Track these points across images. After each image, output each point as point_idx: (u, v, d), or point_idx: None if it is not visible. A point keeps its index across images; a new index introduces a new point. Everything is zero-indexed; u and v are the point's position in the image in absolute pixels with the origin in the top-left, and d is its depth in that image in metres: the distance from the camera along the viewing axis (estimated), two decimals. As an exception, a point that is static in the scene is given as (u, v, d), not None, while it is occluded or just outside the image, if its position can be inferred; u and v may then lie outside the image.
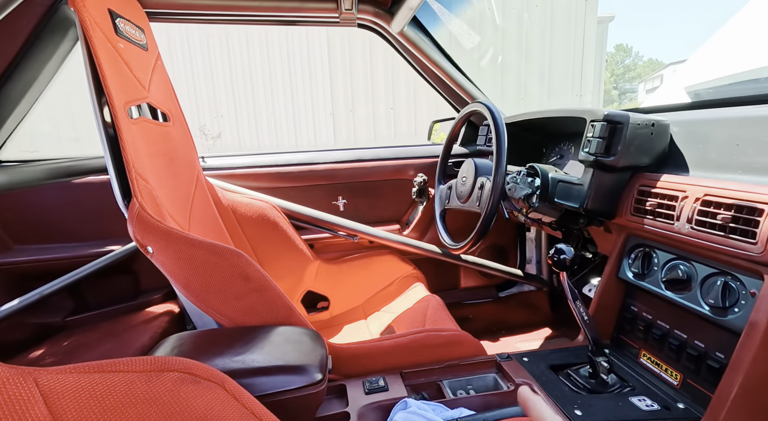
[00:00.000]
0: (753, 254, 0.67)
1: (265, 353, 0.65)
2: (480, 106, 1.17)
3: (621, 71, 34.79)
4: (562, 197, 1.07)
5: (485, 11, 6.69)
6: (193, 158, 1.17)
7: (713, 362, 0.77)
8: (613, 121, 0.94)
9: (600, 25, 8.21)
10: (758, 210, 0.68)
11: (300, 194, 1.54)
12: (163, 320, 1.27)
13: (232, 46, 7.44)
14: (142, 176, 0.79)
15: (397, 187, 1.63)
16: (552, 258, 0.84)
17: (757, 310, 0.68)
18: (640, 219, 0.91)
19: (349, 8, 1.25)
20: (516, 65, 7.47)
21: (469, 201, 1.19)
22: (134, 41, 0.88)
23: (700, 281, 0.80)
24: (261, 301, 0.79)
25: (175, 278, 0.77)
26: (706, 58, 1.47)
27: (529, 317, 1.76)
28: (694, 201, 0.79)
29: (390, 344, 0.93)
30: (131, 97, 0.82)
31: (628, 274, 0.98)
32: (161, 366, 0.46)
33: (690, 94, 1.32)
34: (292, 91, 7.70)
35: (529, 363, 0.93)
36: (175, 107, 1.10)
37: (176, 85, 1.12)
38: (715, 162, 0.85)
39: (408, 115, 7.77)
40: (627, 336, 1.01)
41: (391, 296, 1.46)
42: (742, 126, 0.82)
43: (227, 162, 1.47)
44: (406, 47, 1.45)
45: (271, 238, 1.38)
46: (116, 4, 0.83)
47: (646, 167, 0.97)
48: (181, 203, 1.01)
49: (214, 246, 0.75)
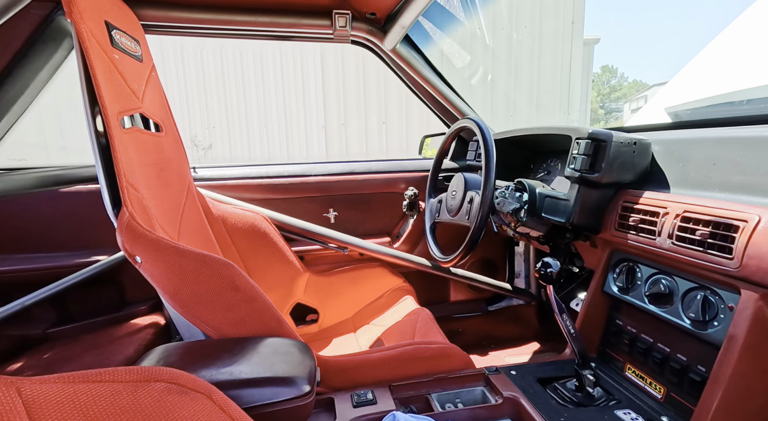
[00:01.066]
0: (730, 269, 0.70)
1: (253, 365, 0.65)
2: (470, 122, 1.20)
3: (607, 91, 35.82)
4: (549, 212, 1.09)
5: (476, 31, 6.88)
6: (184, 169, 1.17)
7: (695, 375, 0.79)
8: (597, 139, 0.97)
9: (586, 47, 8.50)
10: (734, 227, 0.70)
11: (291, 206, 1.54)
12: (149, 331, 1.24)
13: (225, 58, 7.50)
14: (132, 186, 0.79)
15: (388, 200, 1.65)
16: (539, 272, 0.86)
17: (735, 324, 0.70)
18: (624, 234, 0.94)
19: (343, 25, 1.28)
20: (505, 84, 7.66)
21: (458, 215, 1.21)
22: (129, 53, 0.89)
23: (682, 295, 0.82)
24: (250, 312, 0.79)
25: (163, 289, 0.76)
26: (684, 81, 1.54)
27: (518, 330, 1.76)
28: (675, 217, 0.81)
29: (379, 357, 0.93)
30: (125, 107, 0.83)
31: (613, 288, 1.00)
32: (147, 376, 0.45)
33: (670, 114, 1.38)
34: (285, 103, 7.76)
35: (516, 376, 0.94)
36: (167, 118, 1.11)
37: (169, 95, 1.13)
38: (694, 180, 0.89)
39: (399, 129, 7.87)
40: (612, 350, 1.02)
41: (381, 309, 1.46)
42: (718, 146, 0.86)
43: (218, 173, 1.47)
44: (398, 64, 1.48)
45: (261, 249, 1.38)
46: (113, 16, 0.84)
47: (629, 184, 1.00)
48: (172, 213, 1.01)
49: (204, 256, 0.75)
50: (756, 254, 0.66)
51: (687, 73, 1.63)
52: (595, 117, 30.92)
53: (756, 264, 0.66)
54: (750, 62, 1.35)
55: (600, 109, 33.41)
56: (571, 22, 7.54)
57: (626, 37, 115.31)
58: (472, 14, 4.83)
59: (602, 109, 33.71)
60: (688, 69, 1.65)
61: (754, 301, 0.67)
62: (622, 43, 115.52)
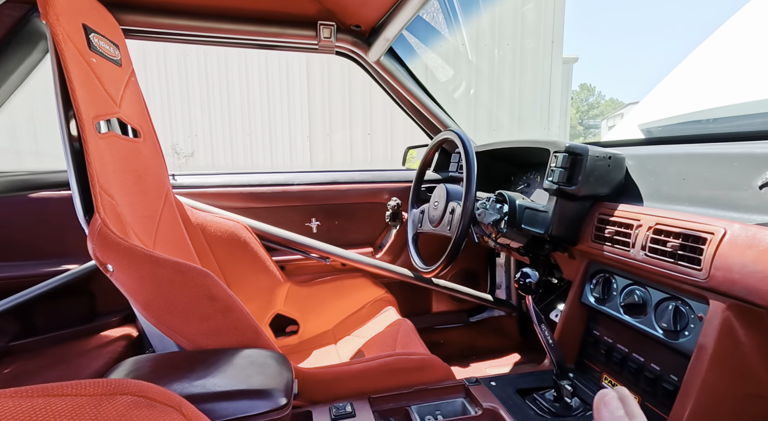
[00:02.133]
0: (698, 280, 0.72)
1: (227, 377, 0.63)
2: (452, 134, 1.21)
3: (585, 108, 37.08)
4: (528, 223, 1.11)
5: (459, 47, 7.05)
6: (162, 176, 1.15)
7: (668, 385, 0.80)
8: (573, 153, 1.00)
9: (565, 65, 8.79)
10: (702, 239, 0.73)
11: (273, 215, 1.52)
12: (120, 344, 1.19)
13: (210, 65, 7.45)
14: (106, 192, 0.76)
15: (371, 210, 1.65)
16: (518, 282, 0.87)
17: (704, 334, 0.72)
18: (600, 246, 0.96)
19: (327, 36, 1.29)
20: (488, 100, 7.85)
21: (440, 225, 1.22)
22: (108, 57, 0.87)
23: (655, 306, 0.84)
24: (226, 322, 0.77)
25: (136, 298, 0.74)
26: (656, 100, 1.61)
27: (499, 342, 1.77)
28: (647, 229, 0.84)
29: (358, 368, 0.91)
30: (101, 111, 0.81)
31: (590, 299, 1.02)
32: (113, 389, 0.43)
33: (643, 131, 1.43)
34: (270, 112, 7.73)
35: (496, 387, 0.94)
36: (146, 124, 1.09)
37: (150, 102, 1.11)
38: (665, 194, 0.92)
39: (384, 140, 7.93)
40: (590, 360, 1.04)
41: (363, 320, 1.44)
42: (687, 162, 0.90)
43: (199, 180, 1.45)
44: (382, 76, 1.50)
45: (240, 258, 1.35)
46: (91, 20, 0.83)
47: (605, 197, 1.03)
48: (148, 221, 0.99)
49: (179, 265, 0.73)
50: (722, 266, 0.69)
51: (658, 93, 1.71)
52: (575, 133, 31.90)
53: (722, 275, 0.68)
54: (716, 84, 1.42)
55: (579, 125, 34.52)
56: (550, 41, 7.81)
57: (603, 58, 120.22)
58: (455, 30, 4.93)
59: (581, 126, 34.82)
60: (660, 89, 1.73)
61: (722, 311, 0.70)
62: (599, 63, 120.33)
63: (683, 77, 1.66)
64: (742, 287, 0.66)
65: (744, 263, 0.66)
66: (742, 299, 0.66)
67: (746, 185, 0.76)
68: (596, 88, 55.68)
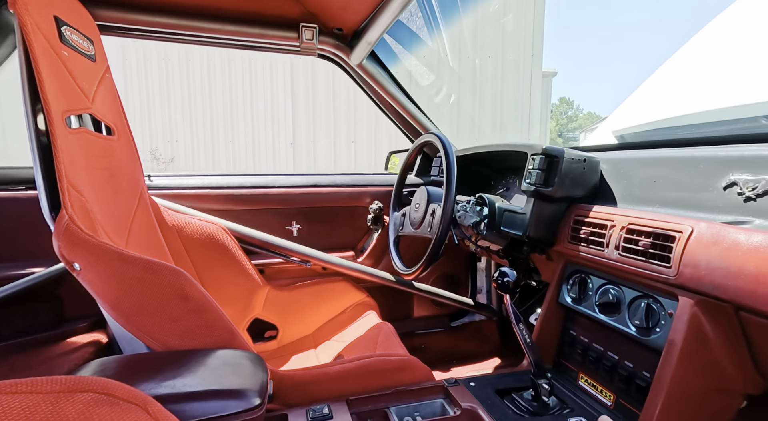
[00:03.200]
0: (668, 277, 0.74)
1: (198, 377, 0.60)
2: (432, 137, 1.23)
3: (564, 121, 38.18)
4: (507, 225, 1.13)
5: (441, 56, 7.18)
6: (137, 175, 1.12)
7: (641, 381, 0.82)
8: (550, 155, 1.02)
9: (545, 79, 9.05)
10: (671, 237, 0.75)
11: (253, 218, 1.50)
12: (88, 350, 1.14)
13: (192, 69, 7.36)
14: (75, 188, 0.74)
15: (353, 214, 1.64)
16: (496, 281, 0.87)
17: (674, 330, 0.74)
18: (576, 246, 0.98)
19: (310, 39, 1.30)
20: (470, 110, 8.00)
21: (421, 227, 1.22)
22: (81, 51, 0.85)
23: (628, 304, 0.86)
24: (200, 323, 0.74)
25: (104, 298, 0.71)
26: (629, 109, 1.67)
27: (480, 346, 1.78)
28: (620, 229, 0.86)
29: (337, 370, 0.90)
30: (72, 106, 0.79)
31: (567, 299, 1.03)
32: (73, 386, 0.41)
33: (617, 137, 1.48)
34: (253, 119, 7.67)
35: (475, 388, 0.93)
36: (121, 122, 1.06)
37: (128, 106, 1.09)
38: (637, 196, 0.95)
39: (369, 148, 7.95)
40: (567, 360, 1.05)
41: (343, 325, 1.43)
42: (657, 165, 0.93)
43: (176, 182, 1.42)
44: (364, 79, 1.51)
45: (218, 261, 1.32)
46: (64, 12, 0.81)
47: (580, 199, 1.05)
48: (120, 221, 0.95)
49: (151, 263, 0.70)
50: (690, 263, 0.71)
51: (631, 102, 1.77)
52: (555, 144, 32.78)
53: (690, 272, 0.71)
54: (684, 93, 1.49)
55: (559, 137, 35.47)
56: (530, 54, 8.04)
57: (582, 73, 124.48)
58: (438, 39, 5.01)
59: (561, 138, 35.79)
60: (633, 98, 1.80)
61: (690, 307, 0.72)
62: (578, 78, 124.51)
63: (654, 88, 1.73)
64: (708, 282, 0.68)
65: (709, 260, 0.68)
66: (709, 294, 0.68)
67: (711, 187, 0.80)
68: (575, 102, 57.50)
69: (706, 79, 1.44)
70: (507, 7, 7.74)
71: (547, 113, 9.84)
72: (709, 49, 1.60)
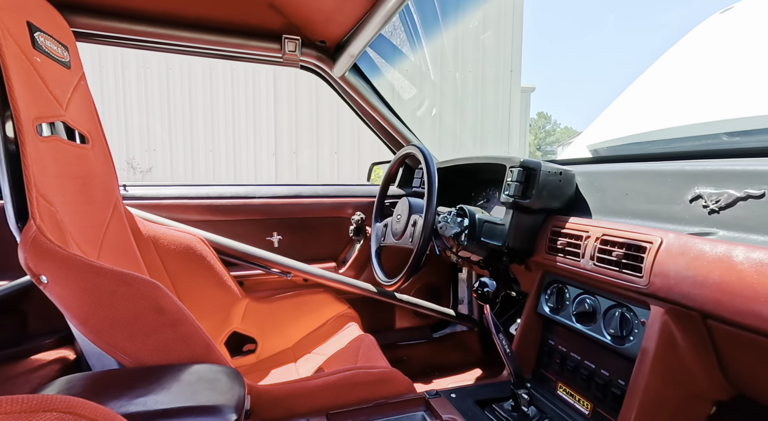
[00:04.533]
0: (640, 286, 0.77)
1: (172, 394, 0.58)
2: (413, 148, 1.24)
3: (543, 135, 39.34)
4: (487, 236, 1.15)
5: (422, 69, 7.31)
6: (111, 185, 1.09)
7: (616, 389, 0.83)
8: (527, 168, 1.05)
9: (523, 94, 9.33)
10: (642, 248, 0.78)
11: (233, 228, 1.47)
12: (53, 368, 1.09)
13: (172, 77, 7.26)
14: (45, 197, 0.71)
15: (335, 224, 1.64)
16: (477, 291, 0.88)
17: (646, 338, 0.76)
18: (553, 257, 1.00)
19: (292, 50, 1.30)
20: (452, 123, 8.16)
21: (403, 238, 1.23)
22: (54, 57, 0.83)
23: (603, 313, 0.88)
24: (175, 337, 0.72)
25: (72, 313, 0.68)
26: (603, 124, 1.74)
27: (462, 357, 1.78)
28: (595, 240, 0.89)
29: (316, 384, 0.88)
30: (43, 113, 0.77)
31: (545, 309, 1.05)
32: (36, 406, 0.39)
33: (591, 151, 1.54)
34: (234, 128, 7.59)
35: (456, 399, 0.93)
36: (96, 130, 1.04)
37: (105, 114, 1.06)
38: (610, 208, 0.98)
39: (352, 160, 7.97)
40: (546, 370, 1.06)
41: (324, 337, 1.40)
42: (629, 179, 0.97)
43: (153, 192, 1.38)
44: (347, 91, 1.52)
45: (195, 273, 1.29)
46: (38, 18, 0.79)
47: (557, 210, 1.08)
48: (93, 231, 0.92)
49: (124, 275, 0.68)
50: (660, 272, 0.74)
51: (605, 118, 1.85)
52: (534, 158, 33.72)
53: (660, 281, 0.73)
54: (654, 110, 1.56)
55: (537, 151, 36.46)
56: (509, 70, 8.29)
57: (559, 89, 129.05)
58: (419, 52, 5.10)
59: (539, 152, 36.79)
60: (606, 114, 1.87)
61: (661, 315, 0.74)
62: (555, 94, 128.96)
63: (624, 105, 1.81)
64: (677, 291, 0.70)
65: (678, 270, 0.71)
66: (678, 303, 0.71)
67: (679, 199, 0.83)
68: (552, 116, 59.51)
69: (672, 97, 1.52)
70: (486, 25, 7.99)
71: (526, 127, 10.11)
72: (675, 70, 1.69)
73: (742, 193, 0.71)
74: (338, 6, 1.14)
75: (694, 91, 1.47)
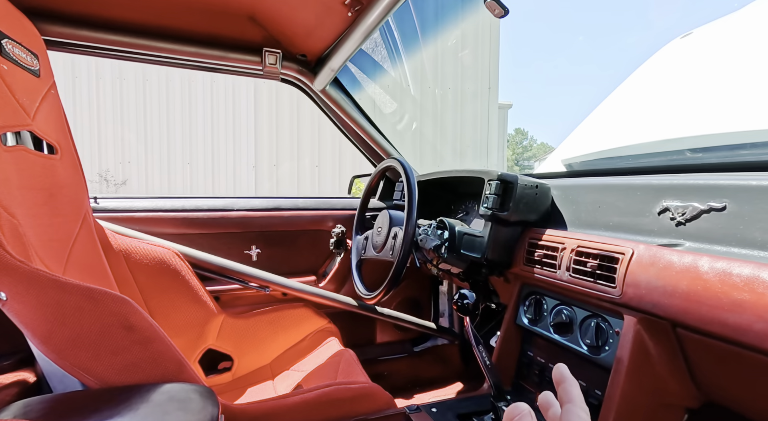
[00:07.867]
0: (614, 297, 0.79)
1: (139, 415, 0.55)
2: (394, 161, 1.25)
3: (520, 151, 40.48)
4: (467, 249, 1.16)
5: (402, 84, 7.45)
6: (80, 197, 1.05)
7: (593, 400, 0.84)
8: (505, 181, 1.07)
9: (501, 110, 9.62)
10: (615, 259, 0.80)
11: (210, 242, 1.43)
12: (10, 391, 1.02)
13: (149, 87, 7.13)
14: (7, 209, 0.68)
15: (315, 238, 1.62)
16: (456, 304, 0.88)
17: (621, 347, 0.77)
18: (531, 268, 1.02)
19: (273, 63, 1.30)
20: (432, 138, 8.30)
21: (383, 250, 1.22)
22: (23, 65, 0.80)
23: (580, 323, 0.90)
24: (145, 355, 0.69)
25: (33, 331, 0.64)
26: (576, 139, 1.80)
27: (443, 371, 1.77)
28: (570, 252, 0.91)
29: (294, 401, 0.86)
30: (8, 122, 0.74)
31: (524, 320, 1.06)
32: (-13, 432, 0.37)
33: (565, 165, 1.59)
34: (213, 140, 7.48)
35: (437, 414, 0.92)
36: (66, 140, 1.00)
37: (77, 124, 1.03)
38: (584, 220, 1.01)
39: (333, 173, 7.96)
40: (525, 381, 1.07)
41: (303, 353, 1.37)
42: (601, 192, 1.00)
43: (125, 204, 1.34)
44: (328, 105, 1.53)
45: (168, 288, 1.24)
46: (6, 25, 0.77)
47: (534, 223, 1.10)
48: (58, 245, 0.88)
49: (91, 290, 0.65)
50: (632, 282, 0.76)
51: (578, 133, 1.92)
52: (512, 172, 34.67)
53: (632, 291, 0.75)
54: (625, 126, 1.63)
55: (516, 166, 37.41)
56: (487, 87, 8.54)
57: (535, 106, 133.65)
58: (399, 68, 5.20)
59: (517, 166, 37.76)
60: (580, 129, 1.94)
61: (634, 325, 0.76)
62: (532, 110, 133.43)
63: (598, 120, 1.89)
64: (648, 301, 0.72)
65: (648, 280, 0.73)
66: (649, 312, 0.73)
67: (648, 212, 0.86)
68: (529, 132, 61.47)
69: (641, 114, 1.60)
70: (464, 42, 8.24)
71: (503, 142, 10.39)
72: (642, 89, 1.78)
73: (705, 206, 0.75)
74: (319, 21, 1.16)
75: (660, 109, 1.55)
